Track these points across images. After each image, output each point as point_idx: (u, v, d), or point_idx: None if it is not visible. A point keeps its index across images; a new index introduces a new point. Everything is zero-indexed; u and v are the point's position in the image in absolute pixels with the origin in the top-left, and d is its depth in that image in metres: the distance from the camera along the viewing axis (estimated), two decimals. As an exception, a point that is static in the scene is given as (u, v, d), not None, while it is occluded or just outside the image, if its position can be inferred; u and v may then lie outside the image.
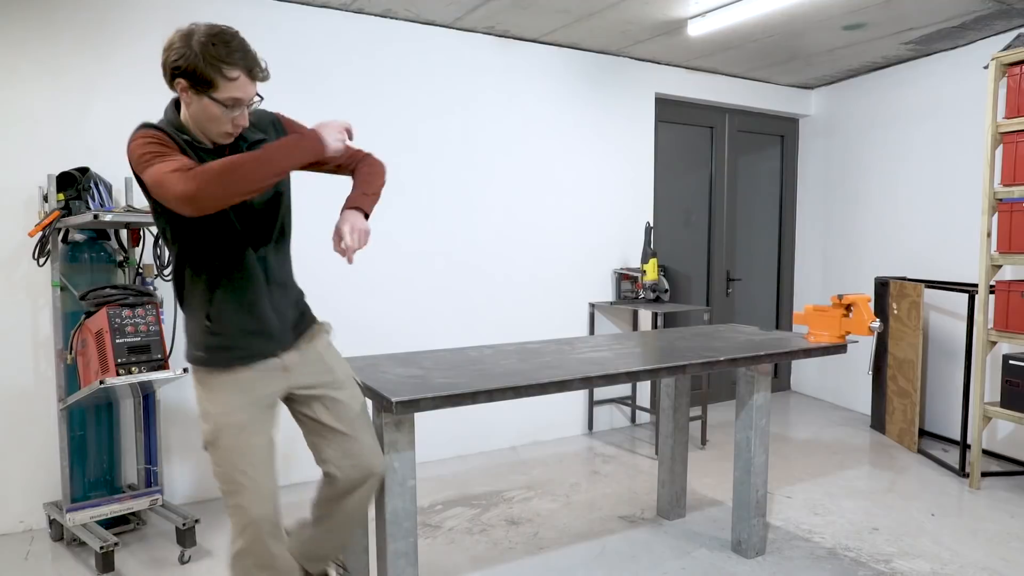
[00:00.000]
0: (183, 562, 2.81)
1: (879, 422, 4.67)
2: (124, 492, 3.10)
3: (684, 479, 3.24)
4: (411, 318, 4.03)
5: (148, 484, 3.19)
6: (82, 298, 2.80)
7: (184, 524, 2.84)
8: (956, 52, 4.41)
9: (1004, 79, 3.46)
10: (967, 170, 4.33)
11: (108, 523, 2.98)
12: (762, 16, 3.79)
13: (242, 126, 1.69)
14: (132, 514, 3.10)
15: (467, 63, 4.11)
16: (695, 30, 3.94)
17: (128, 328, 2.75)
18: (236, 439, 1.77)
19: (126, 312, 2.77)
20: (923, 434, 4.53)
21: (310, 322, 1.99)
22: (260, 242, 1.81)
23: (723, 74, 5.11)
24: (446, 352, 2.53)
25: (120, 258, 3.12)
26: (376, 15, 3.81)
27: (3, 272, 3.06)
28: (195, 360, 1.82)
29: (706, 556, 2.88)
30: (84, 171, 2.88)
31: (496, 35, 4.19)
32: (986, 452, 4.09)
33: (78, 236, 3.01)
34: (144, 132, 1.65)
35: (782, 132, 5.72)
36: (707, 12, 3.78)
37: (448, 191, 4.11)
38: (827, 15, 3.79)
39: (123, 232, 3.15)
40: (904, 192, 4.82)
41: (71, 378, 2.90)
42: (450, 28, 4.04)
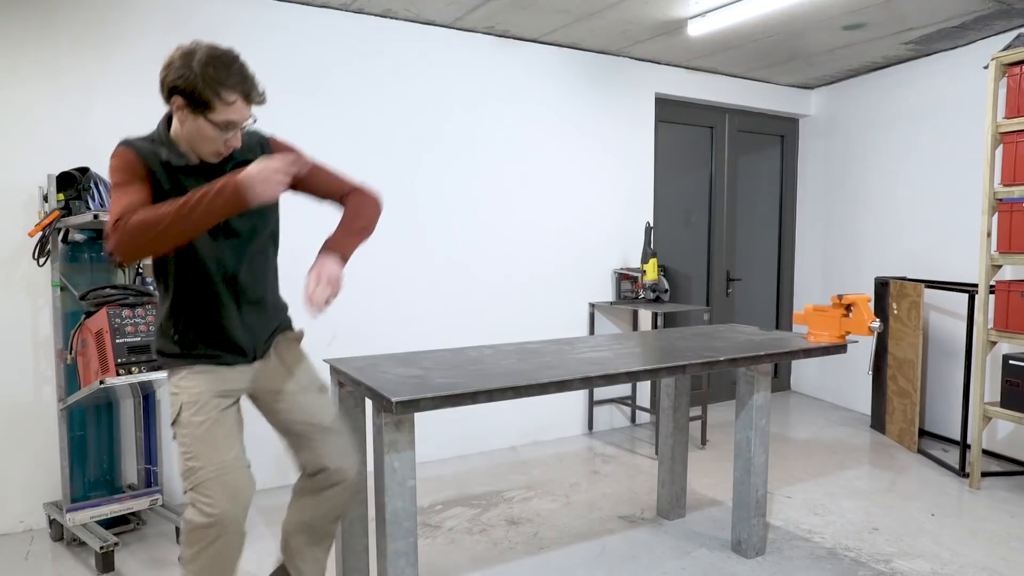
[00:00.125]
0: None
1: (879, 422, 4.67)
2: (124, 492, 3.11)
3: (684, 479, 3.24)
4: (411, 318, 4.03)
5: (148, 484, 3.19)
6: (82, 298, 2.80)
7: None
8: (956, 52, 4.41)
9: (1004, 79, 3.46)
10: (967, 170, 4.33)
11: (108, 523, 2.98)
12: (762, 16, 3.79)
13: (233, 147, 1.70)
14: (132, 514, 3.10)
15: (467, 63, 4.11)
16: (695, 30, 3.94)
17: (128, 328, 2.75)
18: (196, 417, 1.75)
19: (126, 312, 2.77)
20: (923, 434, 4.53)
21: (284, 330, 1.99)
22: (231, 264, 1.78)
23: (723, 74, 5.11)
24: (446, 352, 2.53)
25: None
26: (376, 15, 3.81)
27: (3, 272, 3.06)
28: (162, 354, 1.84)
29: (706, 556, 2.88)
30: (84, 171, 2.88)
31: (496, 35, 4.19)
32: (986, 452, 4.10)
33: (78, 236, 3.01)
34: (118, 152, 1.67)
35: (782, 132, 5.72)
36: (707, 12, 3.78)
37: (448, 191, 4.11)
38: (827, 15, 3.79)
39: (123, 232, 3.14)
40: (904, 192, 4.82)
41: (71, 378, 2.90)
42: (450, 28, 4.04)
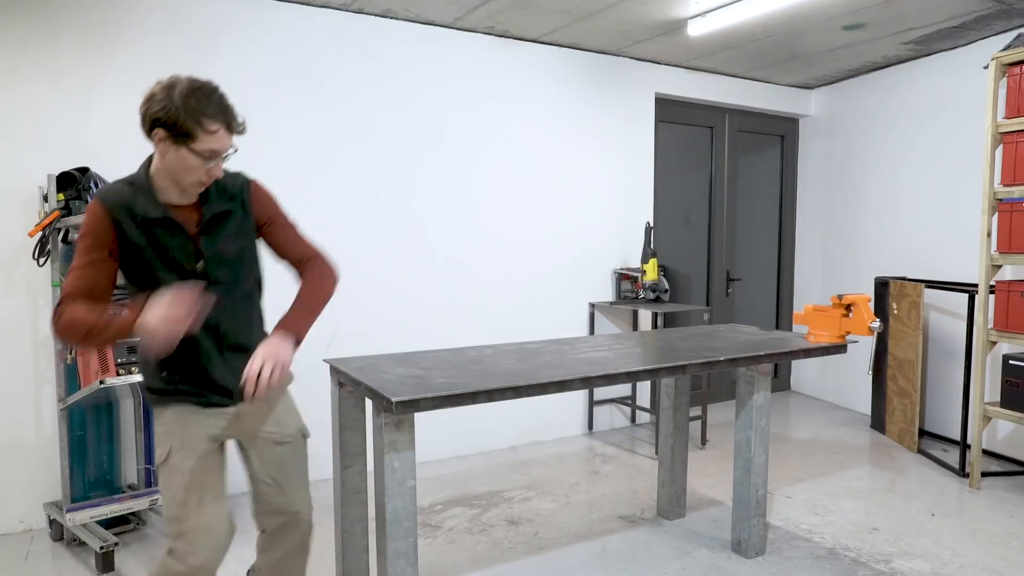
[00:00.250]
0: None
1: (879, 422, 4.67)
2: (124, 492, 3.11)
3: (684, 479, 3.24)
4: (411, 318, 4.03)
5: (148, 484, 3.19)
6: (82, 298, 2.79)
7: (184, 524, 2.84)
8: (956, 52, 4.41)
9: (1004, 79, 3.46)
10: (967, 170, 4.33)
11: (108, 523, 2.98)
12: (762, 16, 3.79)
13: (216, 176, 1.70)
14: (132, 514, 3.10)
15: (467, 63, 4.11)
16: (695, 30, 3.94)
17: (128, 328, 2.75)
18: (184, 463, 1.77)
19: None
20: (923, 434, 4.53)
21: None
22: (211, 313, 1.76)
23: (723, 74, 5.11)
24: (446, 352, 2.53)
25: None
26: (376, 15, 3.81)
27: (3, 272, 3.06)
28: (150, 392, 1.84)
29: (706, 556, 2.88)
30: (84, 171, 2.88)
31: (496, 35, 4.19)
32: (986, 452, 4.09)
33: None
34: (90, 208, 1.68)
35: (782, 132, 5.72)
36: (707, 12, 3.78)
37: (448, 191, 4.11)
38: (827, 15, 3.79)
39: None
40: (904, 192, 4.82)
41: (71, 378, 2.90)
42: (450, 28, 4.04)
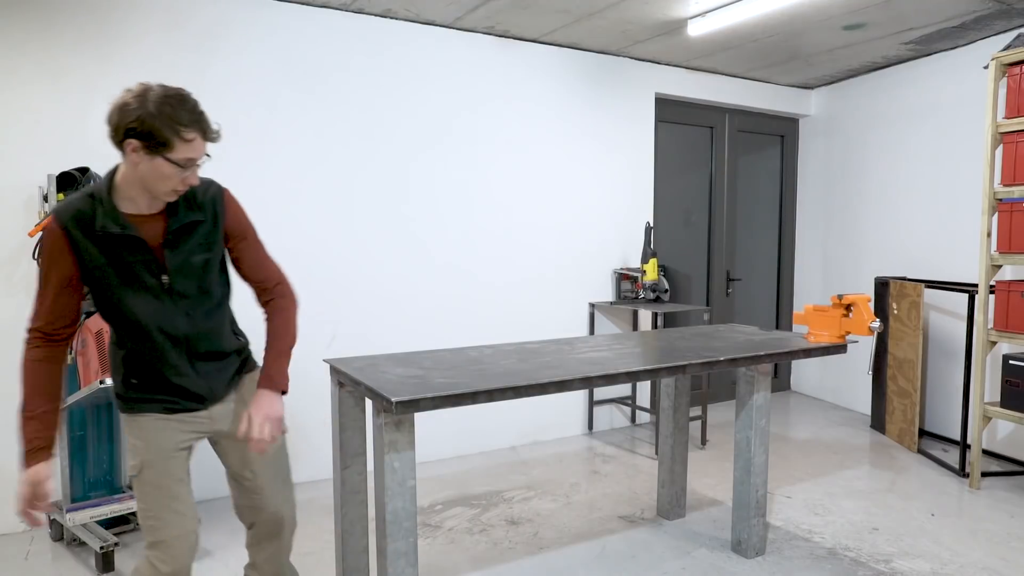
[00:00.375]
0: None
1: (879, 422, 4.67)
2: (124, 492, 3.11)
3: (684, 479, 3.24)
4: (411, 318, 4.03)
5: (148, 484, 3.18)
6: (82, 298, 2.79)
7: (184, 524, 2.84)
8: (956, 52, 4.41)
9: (1004, 79, 3.46)
10: (967, 170, 4.33)
11: (108, 523, 2.98)
12: (762, 16, 3.79)
13: (191, 184, 1.67)
14: (132, 514, 3.09)
15: (467, 63, 4.11)
16: (695, 30, 3.94)
17: (128, 328, 2.75)
18: (160, 478, 1.76)
19: (126, 312, 2.76)
20: (923, 434, 4.54)
21: (246, 372, 1.95)
22: (179, 325, 1.75)
23: (723, 74, 5.11)
24: (446, 352, 2.53)
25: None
26: (376, 15, 3.81)
27: (3, 272, 3.06)
28: (120, 399, 1.82)
29: (706, 556, 2.88)
30: (84, 171, 2.88)
31: (496, 35, 4.19)
32: (986, 452, 4.10)
33: (78, 236, 3.01)
34: (45, 227, 1.65)
35: (782, 132, 5.72)
36: (707, 12, 3.78)
37: (448, 191, 4.11)
38: (827, 15, 3.79)
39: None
40: (904, 192, 4.82)
41: (71, 378, 2.90)
42: (450, 28, 4.04)
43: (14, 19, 3.03)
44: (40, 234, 2.86)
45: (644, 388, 4.89)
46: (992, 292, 3.54)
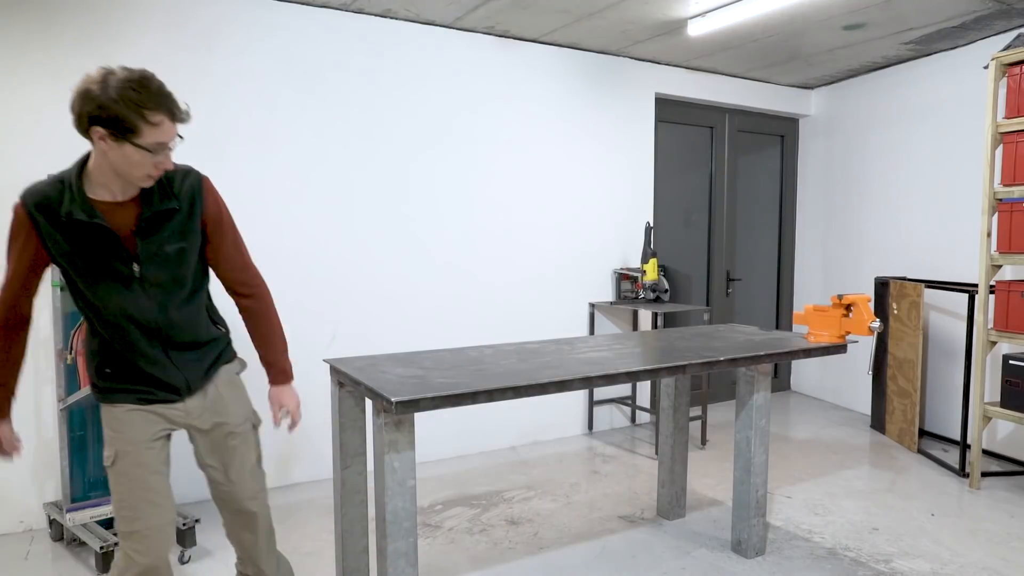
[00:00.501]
0: (183, 562, 2.81)
1: (879, 422, 4.67)
2: (124, 492, 3.10)
3: (684, 479, 3.24)
4: (411, 318, 4.03)
5: (148, 484, 3.19)
6: (82, 298, 2.79)
7: (184, 524, 2.84)
8: (956, 52, 4.41)
9: (1004, 79, 3.46)
10: (967, 170, 4.33)
11: (108, 523, 2.97)
12: (762, 16, 3.79)
13: (166, 168, 1.64)
14: (132, 514, 3.10)
15: (467, 63, 4.12)
16: (695, 30, 3.94)
17: (128, 328, 2.75)
18: (134, 469, 1.76)
19: (126, 312, 2.76)
20: (923, 434, 4.54)
21: (224, 363, 1.93)
22: (153, 315, 1.74)
23: (723, 74, 5.11)
24: (446, 352, 2.53)
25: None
26: (376, 15, 3.81)
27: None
28: (95, 388, 1.81)
29: (706, 556, 2.88)
30: (84, 171, 2.88)
31: (496, 35, 4.19)
32: (986, 452, 4.10)
33: (78, 236, 3.01)
34: (14, 209, 1.65)
35: (782, 132, 5.72)
36: (707, 12, 3.78)
37: (448, 191, 4.11)
38: (827, 15, 3.79)
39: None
40: (904, 192, 4.82)
41: (71, 378, 2.90)
42: (450, 28, 4.04)
43: (14, 19, 3.03)
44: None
45: (644, 388, 4.89)
46: (992, 292, 3.54)
